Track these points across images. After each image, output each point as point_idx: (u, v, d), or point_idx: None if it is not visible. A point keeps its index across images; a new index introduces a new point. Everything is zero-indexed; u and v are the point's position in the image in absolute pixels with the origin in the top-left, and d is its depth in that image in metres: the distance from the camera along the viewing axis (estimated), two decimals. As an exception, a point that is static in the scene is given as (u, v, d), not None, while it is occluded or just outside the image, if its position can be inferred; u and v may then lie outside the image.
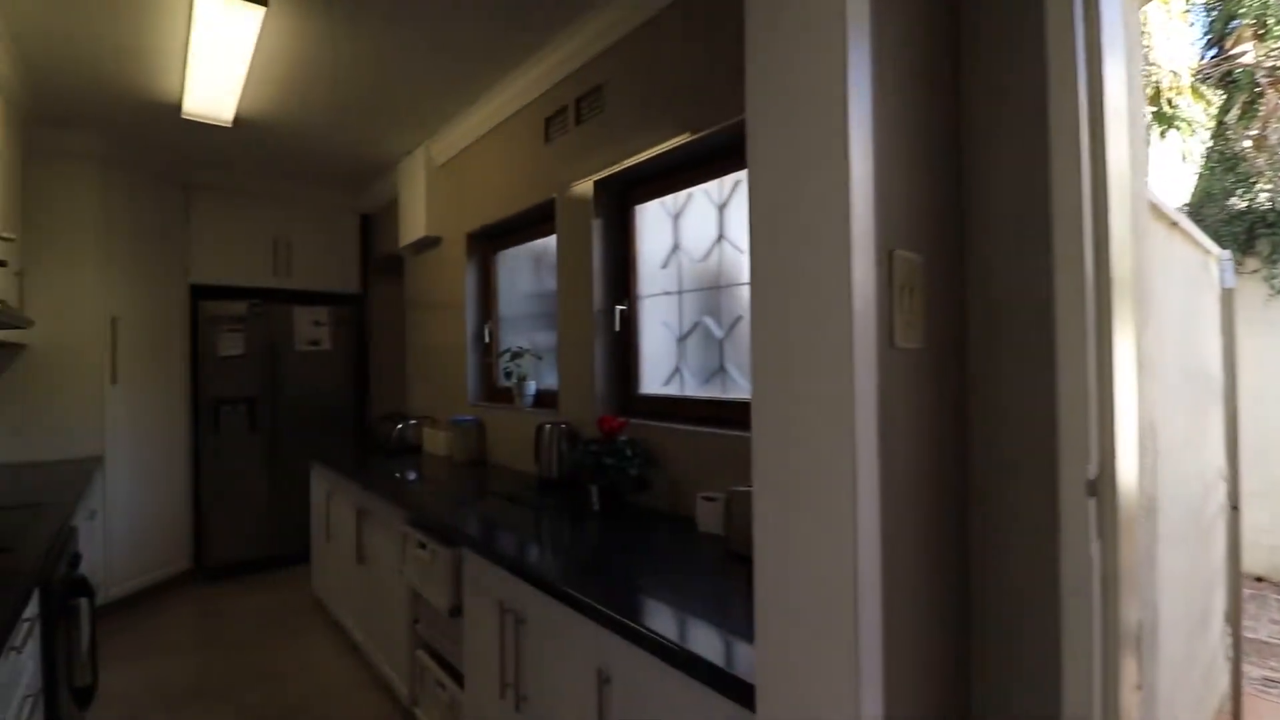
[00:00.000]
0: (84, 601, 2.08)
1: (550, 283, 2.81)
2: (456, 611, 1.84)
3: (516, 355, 2.85)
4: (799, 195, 0.70)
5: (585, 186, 2.33)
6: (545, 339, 2.85)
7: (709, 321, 2.08)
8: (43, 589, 1.61)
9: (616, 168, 2.18)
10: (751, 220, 0.77)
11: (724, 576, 1.39)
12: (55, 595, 1.72)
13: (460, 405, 3.25)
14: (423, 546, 2.00)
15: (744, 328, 1.96)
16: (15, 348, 3.09)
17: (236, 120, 3.13)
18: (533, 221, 2.85)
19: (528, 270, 3.07)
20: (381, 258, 4.41)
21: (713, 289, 2.06)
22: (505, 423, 2.87)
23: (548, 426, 2.32)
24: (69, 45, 2.44)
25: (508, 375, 2.86)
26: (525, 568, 1.45)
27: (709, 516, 1.69)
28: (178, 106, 2.99)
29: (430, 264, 3.63)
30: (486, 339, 3.21)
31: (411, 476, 2.62)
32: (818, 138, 0.68)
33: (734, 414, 1.91)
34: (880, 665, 0.69)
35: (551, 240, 2.74)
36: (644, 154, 2.06)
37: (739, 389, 1.97)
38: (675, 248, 2.20)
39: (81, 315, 3.30)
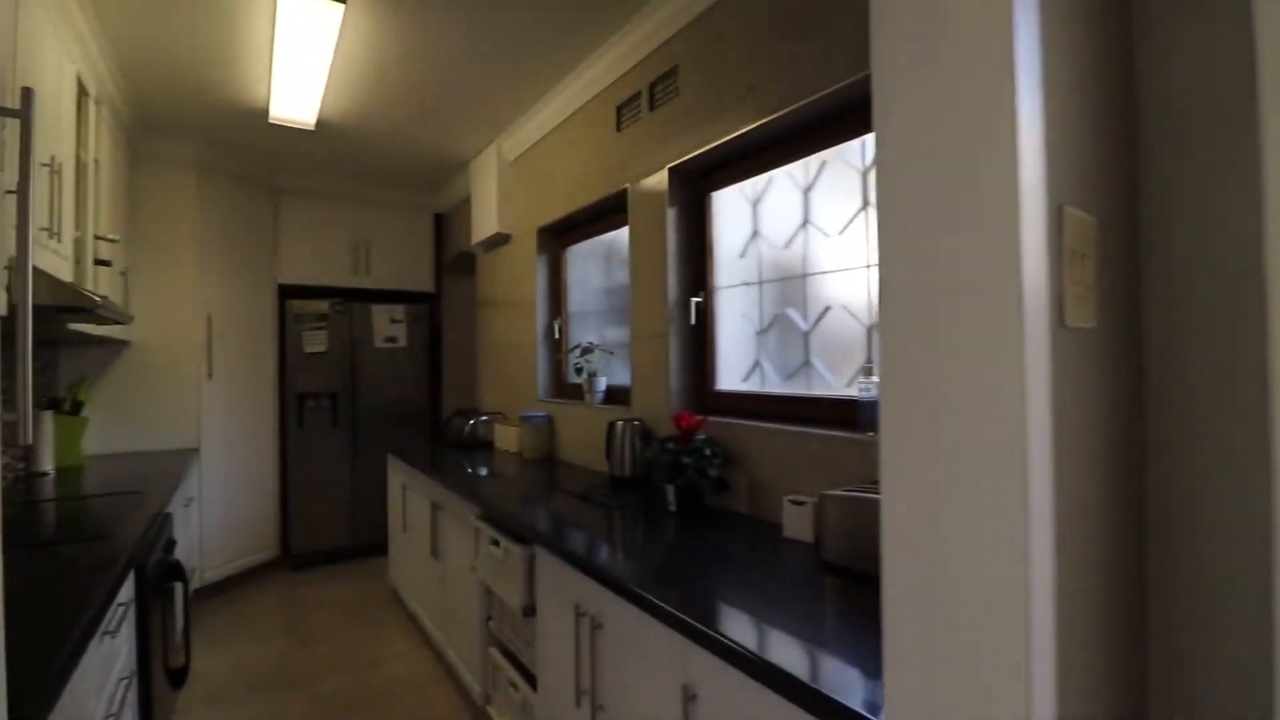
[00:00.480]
0: (178, 586, 2.17)
1: (621, 277, 2.74)
2: (530, 611, 1.78)
3: (586, 351, 2.79)
4: (948, 140, 0.58)
5: (659, 175, 2.25)
6: (616, 334, 2.79)
7: (792, 313, 1.95)
8: (138, 574, 1.66)
9: (692, 154, 2.08)
10: (882, 178, 0.65)
11: (817, 588, 1.27)
12: (151, 579, 1.78)
13: (530, 401, 3.23)
14: (495, 544, 1.97)
15: (832, 319, 1.82)
16: (121, 344, 3.30)
17: (319, 124, 3.24)
18: (603, 213, 2.79)
19: (598, 265, 3.02)
20: (454, 256, 4.48)
21: (796, 278, 1.93)
22: (575, 419, 2.82)
23: (620, 423, 2.25)
24: (165, 57, 2.56)
25: (578, 371, 2.81)
26: (602, 570, 1.38)
27: (796, 521, 1.57)
28: (265, 112, 3.11)
29: (501, 261, 3.65)
30: (556, 335, 3.18)
31: (483, 472, 2.61)
32: (977, 70, 0.55)
33: (821, 412, 1.77)
34: (1054, 708, 0.56)
35: (623, 233, 2.68)
36: (722, 138, 1.95)
37: (826, 385, 1.83)
38: (754, 235, 2.08)
39: (180, 313, 3.49)
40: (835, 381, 1.81)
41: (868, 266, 1.72)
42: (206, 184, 3.59)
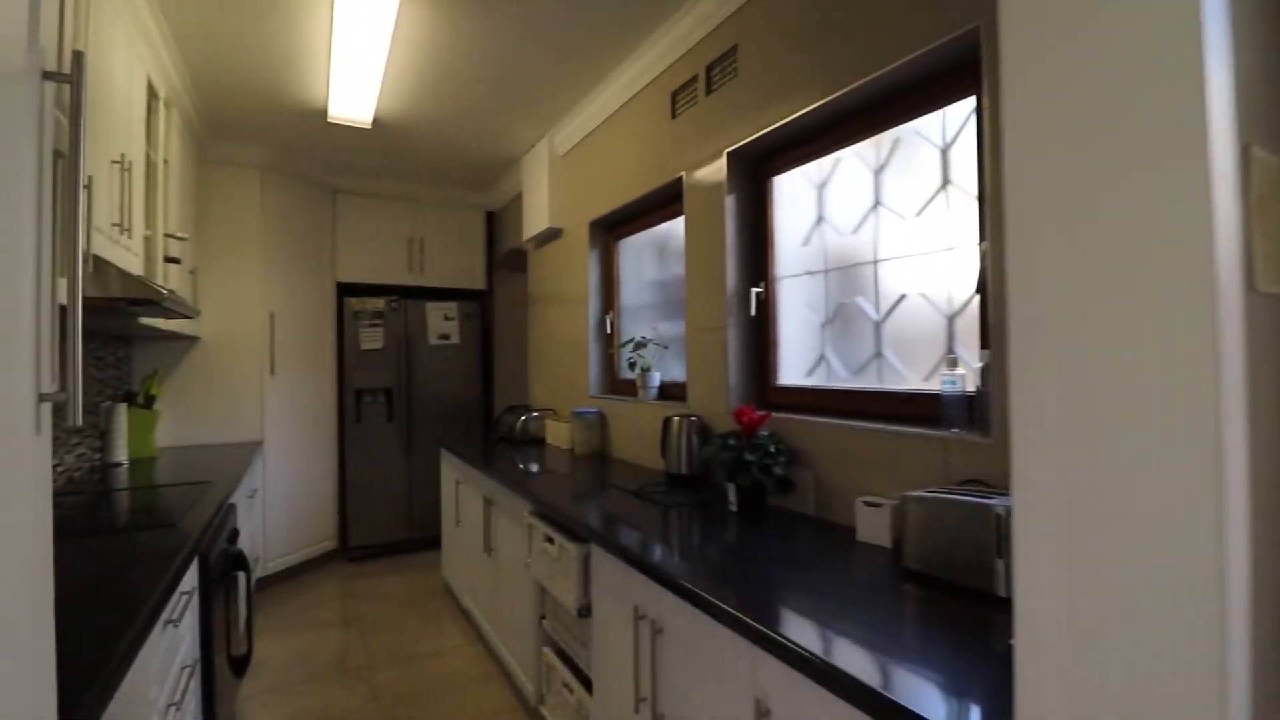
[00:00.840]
0: (241, 575, 2.20)
1: (676, 269, 2.66)
2: (585, 612, 1.73)
3: (640, 345, 2.73)
4: (1114, 69, 0.48)
5: (716, 162, 2.16)
6: (670, 329, 2.71)
7: (861, 302, 1.83)
8: (202, 563, 1.68)
9: (752, 137, 1.99)
10: (1012, 125, 0.55)
11: (898, 597, 1.16)
12: (214, 568, 1.81)
13: (582, 398, 3.19)
14: (549, 541, 1.92)
15: (906, 309, 1.70)
16: (190, 340, 3.42)
17: (375, 122, 3.27)
18: (658, 204, 2.72)
19: (651, 257, 2.95)
20: (506, 254, 4.49)
21: (866, 265, 1.81)
22: (628, 415, 2.76)
23: (676, 419, 2.17)
24: (230, 59, 2.62)
25: (631, 366, 2.75)
26: (663, 571, 1.30)
27: (870, 524, 1.46)
28: (324, 112, 3.17)
29: (552, 256, 3.62)
30: (608, 329, 3.13)
31: (534, 468, 2.58)
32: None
33: (896, 408, 1.65)
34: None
35: (677, 224, 2.60)
36: (785, 118, 1.85)
37: (899, 379, 1.71)
38: (819, 220, 1.97)
39: (245, 311, 3.60)
40: (910, 375, 1.68)
41: (948, 250, 1.59)
42: (269, 185, 3.70)
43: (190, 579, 1.55)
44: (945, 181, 1.60)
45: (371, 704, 2.39)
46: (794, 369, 2.06)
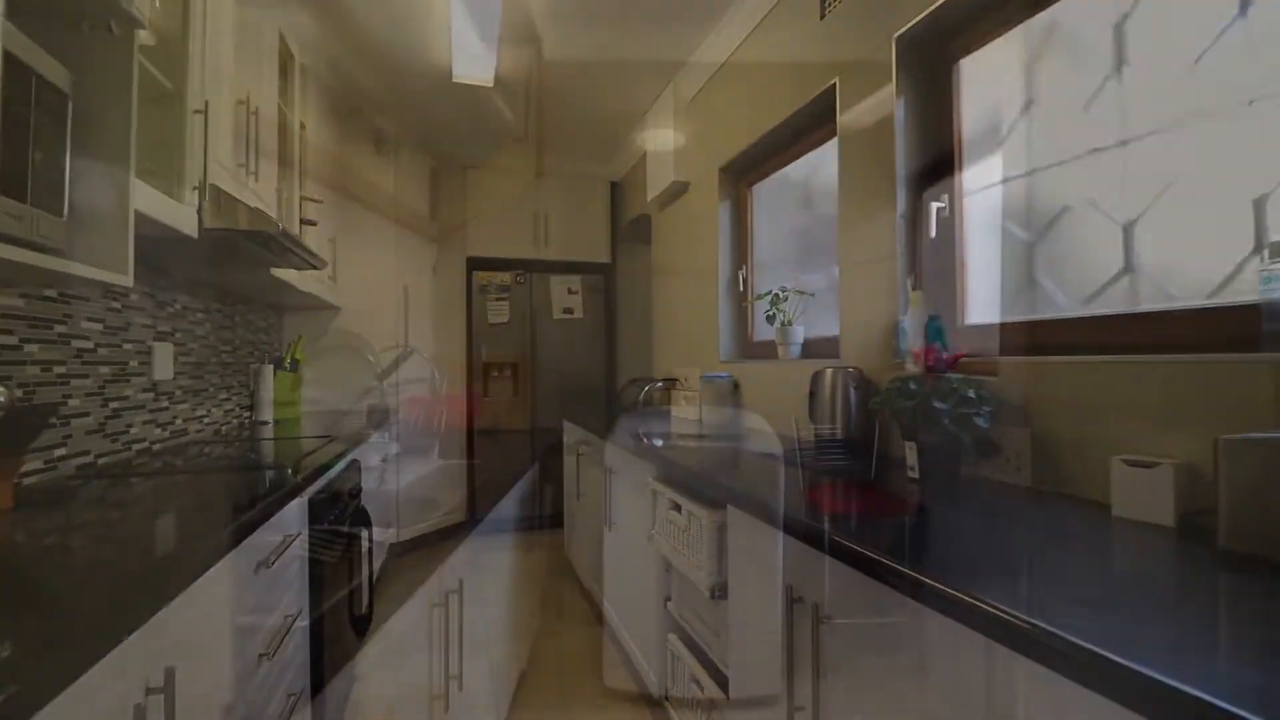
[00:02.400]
0: (364, 532, 2.13)
1: (821, 209, 2.27)
2: (720, 592, 1.42)
3: (778, 299, 2.36)
4: None
5: (881, 54, 1.75)
6: (813, 280, 2.32)
7: (1094, 205, 1.35)
8: (312, 514, 1.58)
9: (932, 7, 1.57)
10: None
11: (1213, 592, 0.74)
12: (329, 519, 1.71)
13: (711, 364, 2.88)
14: (676, 509, 1.63)
15: (1170, 202, 1.21)
16: (333, 310, 3.54)
17: (496, 80, 3.17)
18: (800, 132, 2.33)
19: (788, 204, 2.57)
20: (629, 222, 4.29)
21: (1108, 149, 1.33)
22: (765, 379, 2.41)
23: (829, 372, 1.79)
24: (359, 18, 2.60)
25: (770, 320, 2.39)
26: (829, 539, 0.96)
27: (1138, 493, 1.01)
28: (448, 74, 3.11)
29: (678, 215, 3.34)
30: (741, 287, 2.79)
31: (660, 437, 2.30)
32: None
33: (1164, 333, 1.17)
34: None
35: (820, 159, 2.21)
36: (981, -30, 1.42)
37: (1159, 297, 1.22)
38: (1029, 105, 1.50)
39: (381, 283, 3.67)
40: (1178, 292, 1.19)
41: (1248, 104, 1.09)
42: (404, 162, 3.76)
43: (295, 522, 1.45)
44: (1244, 6, 1.10)
45: (491, 678, 2.24)
46: (986, 304, 1.61)
